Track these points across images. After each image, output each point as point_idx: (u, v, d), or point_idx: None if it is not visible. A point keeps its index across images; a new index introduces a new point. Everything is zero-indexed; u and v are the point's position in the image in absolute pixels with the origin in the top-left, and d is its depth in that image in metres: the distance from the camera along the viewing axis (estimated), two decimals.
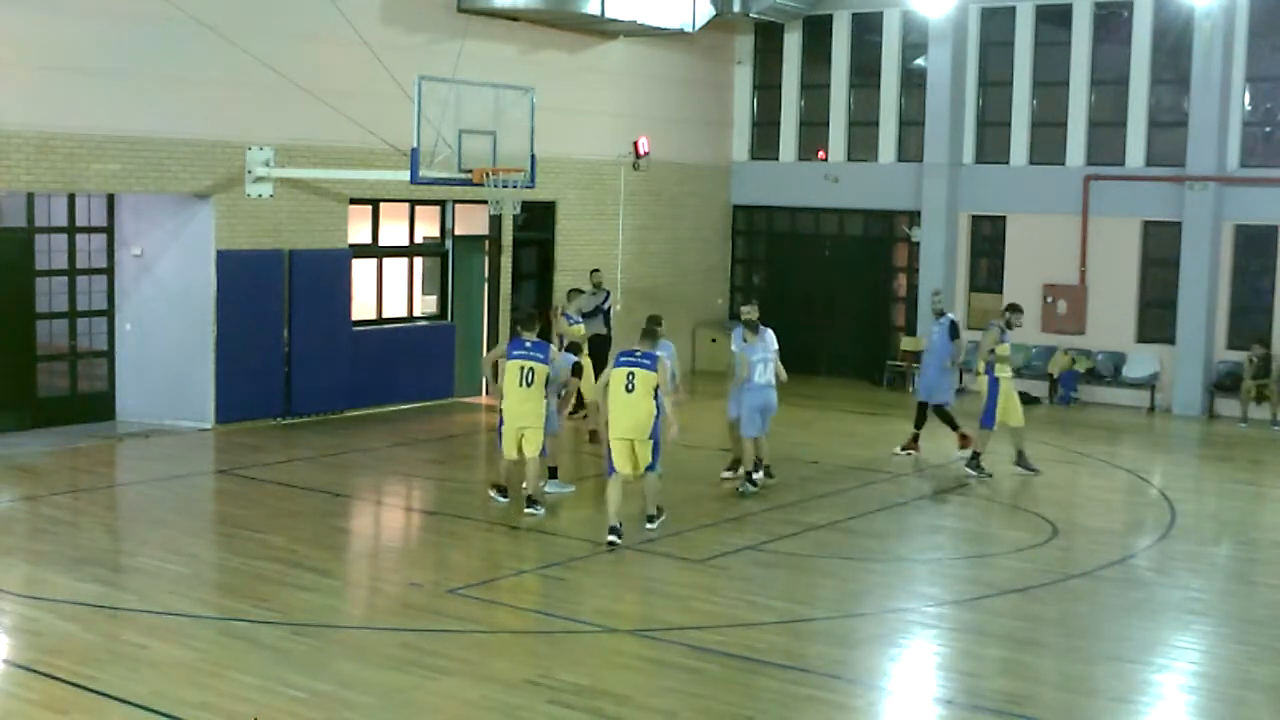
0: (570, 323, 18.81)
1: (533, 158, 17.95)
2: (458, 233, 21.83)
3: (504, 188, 17.67)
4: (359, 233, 20.42)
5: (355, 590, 12.08)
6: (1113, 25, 23.89)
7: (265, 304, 18.80)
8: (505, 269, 22.41)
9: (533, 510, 14.14)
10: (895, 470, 17.42)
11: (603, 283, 21.20)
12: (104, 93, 16.95)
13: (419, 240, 21.45)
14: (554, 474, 15.26)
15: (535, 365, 14.06)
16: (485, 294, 22.16)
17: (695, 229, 26.34)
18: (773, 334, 15.69)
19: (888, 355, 25.52)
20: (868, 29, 25.87)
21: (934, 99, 24.65)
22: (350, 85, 18.80)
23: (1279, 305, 22.44)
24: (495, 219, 22.05)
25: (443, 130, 16.94)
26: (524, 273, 23.00)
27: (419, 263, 21.53)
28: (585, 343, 18.22)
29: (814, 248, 26.65)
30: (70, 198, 18.24)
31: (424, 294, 21.71)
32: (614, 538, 13.08)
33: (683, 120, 25.71)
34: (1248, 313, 22.83)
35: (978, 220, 25.02)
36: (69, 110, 16.64)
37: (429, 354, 21.14)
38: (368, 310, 20.64)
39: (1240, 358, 22.37)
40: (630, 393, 13.23)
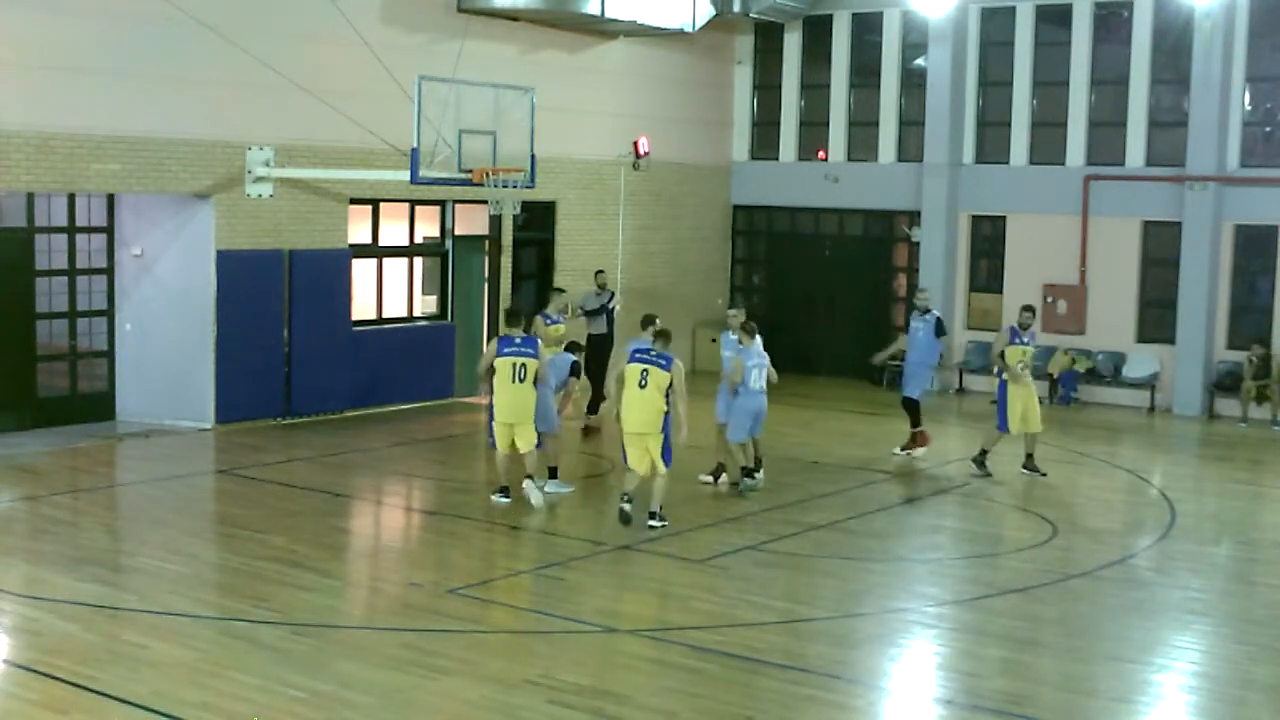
0: (548, 323, 18.45)
1: (533, 158, 17.96)
2: (458, 233, 21.83)
3: (504, 188, 17.67)
4: (359, 233, 20.42)
5: (355, 590, 12.09)
6: (1113, 25, 23.89)
7: (265, 304, 18.80)
8: (505, 269, 22.41)
9: (535, 488, 14.43)
10: (895, 470, 17.43)
11: (607, 283, 21.14)
12: (104, 93, 16.95)
13: (419, 240, 21.45)
14: (554, 474, 15.27)
15: (526, 360, 14.36)
16: (485, 294, 22.16)
17: (695, 229, 26.34)
18: (759, 337, 15.67)
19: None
20: (868, 29, 25.87)
21: (934, 99, 24.64)
22: (350, 85, 18.81)
23: (1279, 305, 22.45)
24: (495, 219, 22.05)
25: (443, 130, 16.95)
26: (524, 273, 22.99)
27: (419, 263, 21.53)
28: (565, 343, 18.03)
29: (814, 248, 26.65)
30: (70, 198, 18.24)
31: (424, 294, 21.71)
32: (626, 505, 13.73)
33: (683, 120, 25.70)
34: (1248, 313, 22.83)
35: (978, 220, 25.01)
36: (69, 110, 16.64)
37: (429, 354, 21.15)
38: (368, 310, 20.64)
39: (1240, 358, 22.36)
40: (643, 389, 13.68)
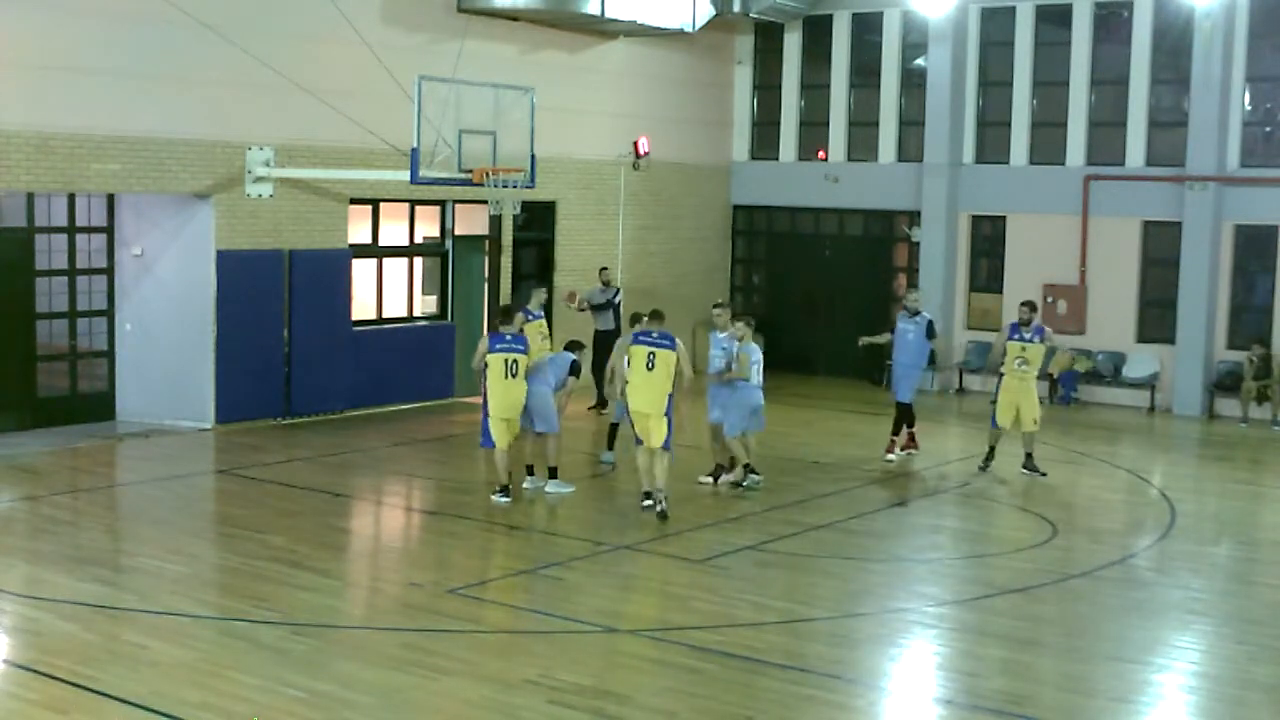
0: (529, 318, 18.25)
1: (533, 158, 17.96)
2: (458, 233, 21.83)
3: (504, 188, 17.67)
4: (359, 233, 20.42)
5: (355, 590, 12.09)
6: (1113, 25, 23.88)
7: (265, 304, 18.80)
8: (505, 269, 22.41)
9: (507, 498, 14.76)
10: (895, 470, 17.42)
11: (612, 280, 21.09)
12: (104, 93, 16.95)
13: (419, 240, 21.45)
14: (554, 474, 15.28)
15: (518, 357, 14.73)
16: (485, 294, 22.15)
17: (695, 229, 26.33)
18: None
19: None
20: (868, 29, 25.86)
21: (934, 99, 24.64)
22: (350, 85, 18.81)
23: (1279, 305, 22.45)
24: (495, 219, 22.05)
25: (443, 130, 16.95)
26: (524, 273, 22.97)
27: (419, 263, 21.53)
28: (566, 341, 17.96)
29: (814, 248, 26.65)
30: (70, 198, 18.24)
31: (424, 294, 21.71)
32: (649, 502, 14.22)
33: (683, 120, 25.70)
34: (1248, 313, 22.84)
35: (978, 220, 25.01)
36: (69, 110, 16.64)
37: (429, 354, 21.14)
38: (368, 310, 20.64)
39: (1240, 358, 22.36)
40: (651, 370, 14.17)
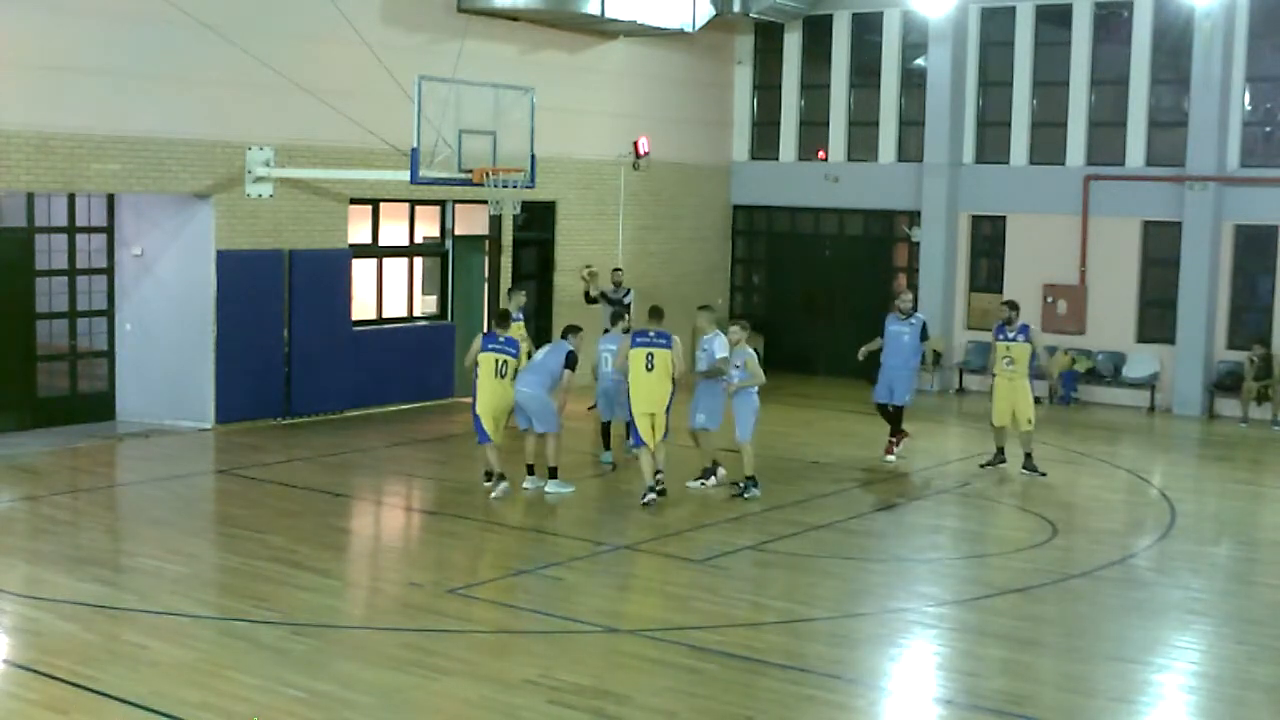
0: (512, 319, 18.44)
1: (533, 158, 17.96)
2: (458, 233, 21.83)
3: (504, 188, 17.67)
4: (359, 233, 20.42)
5: (355, 590, 12.08)
6: (1113, 25, 23.89)
7: (265, 304, 18.80)
8: (505, 269, 22.41)
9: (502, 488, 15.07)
10: (894, 470, 17.42)
11: (623, 281, 20.99)
12: (104, 93, 16.95)
13: (419, 240, 21.45)
14: (554, 474, 15.28)
15: (509, 359, 15.00)
16: (485, 294, 22.15)
17: (695, 229, 26.33)
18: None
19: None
20: (868, 29, 25.86)
21: (934, 99, 24.64)
22: (350, 85, 18.81)
23: (1279, 305, 22.45)
24: (495, 219, 22.05)
25: (443, 130, 16.95)
26: (524, 273, 22.97)
27: (419, 263, 21.53)
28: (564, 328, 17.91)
29: (814, 248, 26.64)
30: (70, 198, 18.23)
31: (424, 294, 21.70)
32: (653, 495, 14.61)
33: (683, 120, 25.70)
34: (1248, 313, 22.84)
35: (978, 220, 25.01)
36: (69, 110, 16.64)
37: (429, 354, 21.14)
38: (368, 310, 20.64)
39: (1240, 358, 22.36)
40: (650, 371, 14.59)
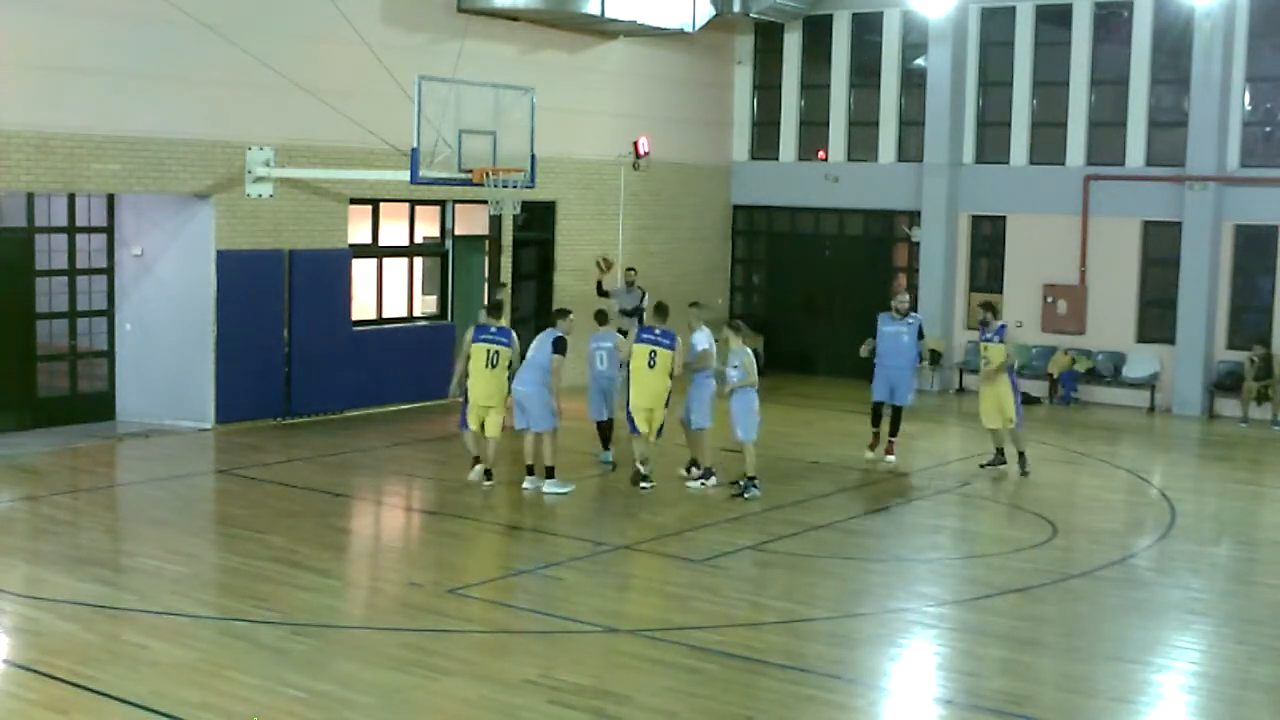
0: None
1: (533, 158, 17.96)
2: (458, 233, 21.84)
3: (504, 188, 17.67)
4: (359, 233, 20.42)
5: (355, 590, 12.08)
6: (1113, 25, 23.88)
7: (265, 304, 18.79)
8: (505, 269, 22.41)
9: (489, 483, 15.32)
10: (894, 471, 17.43)
11: (636, 281, 20.83)
12: (104, 93, 16.95)
13: (419, 240, 21.45)
14: (550, 474, 15.24)
15: (500, 349, 15.14)
16: (485, 294, 22.14)
17: (695, 229, 26.33)
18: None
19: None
20: (868, 29, 25.86)
21: (934, 99, 24.64)
22: (350, 85, 18.81)
23: (1279, 305, 22.45)
24: (495, 219, 22.05)
25: (443, 130, 16.94)
26: (524, 273, 22.99)
27: (419, 263, 21.54)
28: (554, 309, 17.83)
29: (814, 248, 26.64)
30: (70, 198, 18.23)
31: (424, 294, 21.71)
32: (645, 482, 15.25)
33: (683, 120, 25.70)
34: (1248, 313, 22.83)
35: (978, 220, 25.01)
36: (69, 110, 16.64)
37: (429, 354, 21.11)
38: (368, 310, 20.64)
39: (1240, 358, 22.35)
40: (652, 368, 15.14)
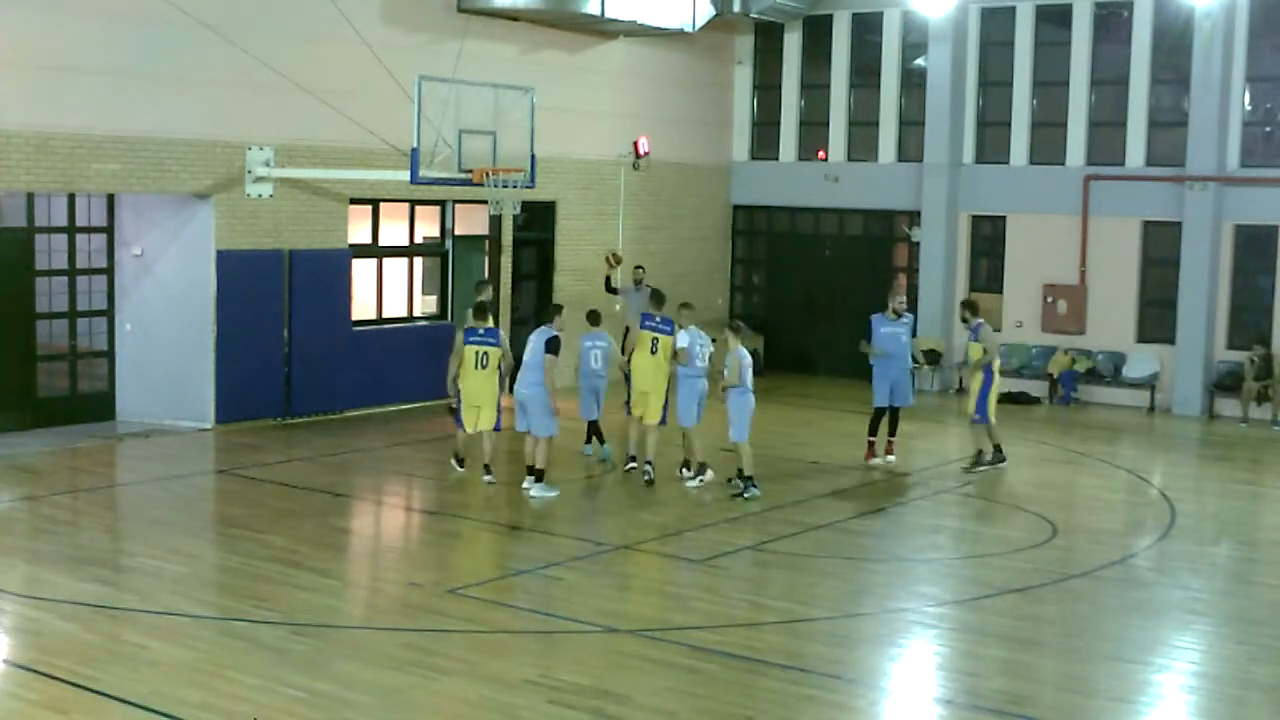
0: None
1: (533, 158, 17.96)
2: (458, 233, 21.84)
3: (504, 188, 17.67)
4: (359, 233, 20.42)
5: (355, 590, 12.09)
6: (1113, 25, 23.88)
7: (265, 304, 18.80)
8: (505, 269, 22.42)
9: (490, 478, 15.44)
10: (893, 471, 17.43)
11: (643, 279, 20.82)
12: (104, 93, 16.95)
13: (419, 240, 21.45)
14: (540, 477, 15.10)
15: (489, 349, 15.39)
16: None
17: (695, 229, 26.33)
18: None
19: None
20: (868, 29, 25.86)
21: (934, 99, 24.64)
22: (350, 85, 18.81)
23: (1279, 305, 22.45)
24: (495, 219, 22.06)
25: (443, 130, 16.95)
26: (524, 273, 22.99)
27: (419, 263, 21.54)
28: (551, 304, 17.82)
29: (814, 248, 26.64)
30: (70, 198, 18.24)
31: (424, 294, 21.72)
32: (633, 465, 15.91)
33: (683, 120, 25.70)
34: (1248, 313, 22.83)
35: (978, 220, 25.01)
36: (69, 110, 16.64)
37: (429, 354, 21.07)
38: (368, 310, 20.64)
39: (1240, 358, 22.36)
40: (654, 355, 15.77)
